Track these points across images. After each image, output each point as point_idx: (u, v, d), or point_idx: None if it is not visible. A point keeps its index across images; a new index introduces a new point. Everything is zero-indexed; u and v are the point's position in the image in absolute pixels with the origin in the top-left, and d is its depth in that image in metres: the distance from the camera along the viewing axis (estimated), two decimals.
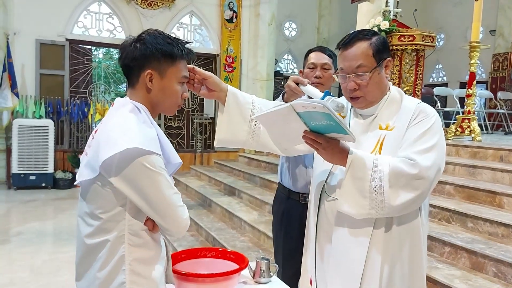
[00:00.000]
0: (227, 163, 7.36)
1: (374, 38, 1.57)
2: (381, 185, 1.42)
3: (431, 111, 1.57)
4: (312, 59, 2.33)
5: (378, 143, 1.56)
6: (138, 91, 1.39)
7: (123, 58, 1.38)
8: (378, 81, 1.56)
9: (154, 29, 1.44)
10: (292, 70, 12.94)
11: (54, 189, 7.34)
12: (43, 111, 7.39)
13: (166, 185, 1.29)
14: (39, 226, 5.34)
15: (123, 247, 1.31)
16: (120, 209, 1.29)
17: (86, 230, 1.35)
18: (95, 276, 1.32)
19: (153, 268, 1.36)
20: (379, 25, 5.07)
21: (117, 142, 1.23)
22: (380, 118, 1.60)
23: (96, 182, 1.29)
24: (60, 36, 7.78)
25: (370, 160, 1.45)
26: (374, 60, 1.54)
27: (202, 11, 8.86)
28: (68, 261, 4.26)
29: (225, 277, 1.77)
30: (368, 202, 1.43)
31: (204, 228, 4.66)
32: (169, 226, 1.33)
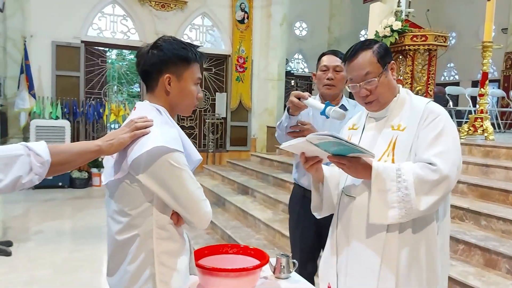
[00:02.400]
0: (240, 162, 7.45)
1: (375, 46, 1.68)
2: (407, 194, 1.49)
3: (440, 110, 1.63)
4: (324, 61, 2.41)
5: (391, 143, 1.64)
6: (157, 94, 1.47)
7: (141, 64, 1.47)
8: (387, 83, 1.67)
9: (168, 36, 1.53)
10: (303, 69, 12.99)
11: (71, 188, 7.49)
12: (60, 111, 7.54)
13: (190, 181, 1.37)
14: (58, 225, 5.47)
15: (151, 241, 1.39)
16: (147, 205, 1.38)
17: (116, 227, 1.43)
18: (126, 269, 1.41)
19: (179, 260, 1.44)
20: (391, 25, 5.11)
21: (144, 142, 1.33)
22: (391, 119, 1.69)
23: (125, 181, 1.38)
24: (75, 38, 7.93)
25: (393, 171, 1.52)
26: (379, 65, 1.65)
27: (214, 12, 8.95)
28: (88, 259, 4.38)
29: (247, 272, 1.84)
30: (397, 212, 1.51)
31: (219, 226, 4.75)
32: (193, 219, 1.41)
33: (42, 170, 1.23)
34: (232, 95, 9.00)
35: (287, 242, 3.89)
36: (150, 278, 1.39)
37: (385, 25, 5.20)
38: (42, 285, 3.64)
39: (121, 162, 1.38)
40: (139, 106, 1.50)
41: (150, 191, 1.36)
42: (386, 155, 1.63)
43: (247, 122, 9.24)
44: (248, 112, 9.22)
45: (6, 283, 3.62)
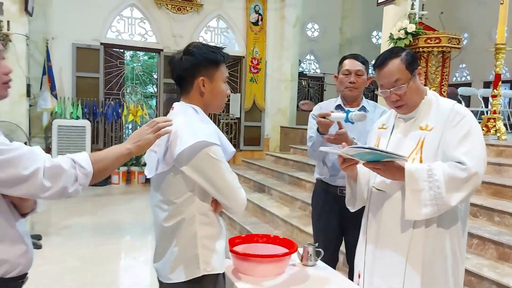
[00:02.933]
0: (255, 161, 7.61)
1: (403, 54, 1.81)
2: (439, 192, 1.63)
3: (466, 111, 1.76)
4: (346, 66, 2.56)
5: (419, 143, 1.77)
6: (192, 96, 1.65)
7: (176, 70, 1.65)
8: (415, 88, 1.81)
9: (196, 42, 1.71)
10: (314, 70, 13.12)
11: (91, 186, 7.62)
12: (80, 112, 7.76)
13: (227, 171, 1.56)
14: (81, 221, 5.69)
15: (194, 226, 1.57)
16: (190, 194, 1.56)
17: (163, 215, 1.61)
18: (172, 251, 1.59)
19: (218, 243, 1.62)
20: (405, 28, 5.24)
21: (186, 138, 1.50)
22: (419, 120, 1.82)
23: (169, 173, 1.56)
24: (95, 40, 8.15)
25: (424, 172, 1.66)
26: (408, 72, 1.79)
27: (229, 14, 9.13)
28: (114, 252, 4.59)
29: (278, 258, 2.02)
30: (430, 209, 1.65)
31: (238, 222, 4.92)
32: (231, 205, 1.59)
33: (86, 181, 1.39)
34: (246, 95, 9.17)
35: (306, 238, 4.05)
36: (194, 259, 1.56)
37: (400, 28, 5.33)
38: (74, 276, 3.85)
39: (166, 156, 1.55)
40: (177, 106, 1.67)
41: (192, 181, 1.53)
42: (414, 153, 1.76)
43: (260, 122, 9.40)
44: (261, 112, 9.38)
45: (39, 274, 3.82)
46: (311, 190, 5.12)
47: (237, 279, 1.94)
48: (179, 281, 1.56)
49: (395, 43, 5.47)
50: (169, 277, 1.59)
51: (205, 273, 1.56)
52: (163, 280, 1.64)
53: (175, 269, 1.57)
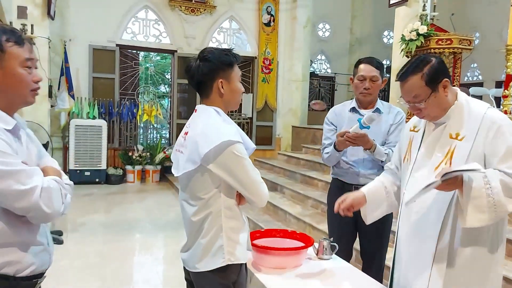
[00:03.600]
0: (267, 160, 7.72)
1: (426, 68, 1.72)
2: (498, 200, 1.61)
3: (500, 118, 1.70)
4: (362, 71, 2.65)
5: (449, 152, 1.74)
6: (213, 98, 1.77)
7: (195, 76, 1.75)
8: (436, 103, 1.74)
9: (209, 47, 1.82)
10: (325, 70, 13.19)
11: (106, 184, 7.90)
12: (96, 111, 7.95)
13: (250, 167, 1.69)
14: (99, 218, 5.86)
15: (220, 219, 1.70)
16: (216, 190, 1.69)
17: (192, 210, 1.74)
18: (199, 242, 1.72)
19: (241, 236, 1.75)
20: (417, 29, 5.30)
21: (212, 138, 1.63)
22: (450, 127, 1.76)
23: (197, 171, 1.68)
24: (110, 42, 8.34)
25: (481, 179, 1.62)
26: (428, 88, 1.71)
27: (241, 15, 9.25)
28: (132, 247, 4.74)
29: (295, 251, 2.14)
30: (487, 216, 1.62)
31: (252, 219, 5.03)
32: (255, 199, 1.72)
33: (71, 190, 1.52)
34: (258, 95, 9.29)
35: (318, 235, 4.16)
36: (219, 249, 1.69)
37: (411, 29, 5.40)
38: (94, 270, 4.00)
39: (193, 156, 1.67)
40: (200, 109, 1.79)
41: (218, 178, 1.66)
42: (444, 163, 1.73)
43: (272, 122, 9.52)
44: (273, 112, 9.49)
45: (61, 269, 3.98)
46: (323, 189, 5.26)
47: (257, 270, 2.06)
48: (205, 270, 1.69)
49: (407, 45, 5.54)
50: (196, 266, 1.71)
51: (229, 262, 1.68)
52: (190, 269, 1.76)
53: (202, 259, 1.70)
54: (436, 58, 1.78)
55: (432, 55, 1.83)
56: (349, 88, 11.59)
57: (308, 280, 2.01)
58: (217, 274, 1.68)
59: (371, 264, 2.78)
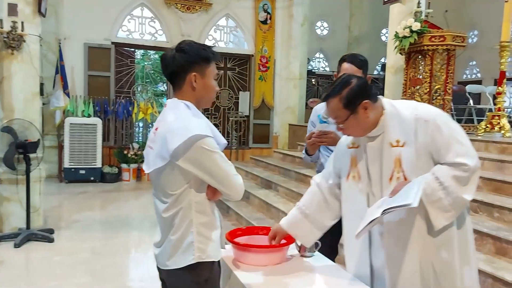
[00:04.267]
0: (262, 158, 7.70)
1: (344, 91, 1.75)
2: (456, 196, 1.67)
3: (429, 113, 1.75)
4: (344, 71, 2.60)
5: (396, 161, 1.76)
6: (185, 91, 1.73)
7: (169, 66, 1.72)
8: (356, 123, 1.78)
9: (188, 40, 1.80)
10: (324, 68, 13.15)
11: (101, 183, 7.88)
12: (92, 110, 7.93)
13: (222, 160, 1.64)
14: (92, 215, 5.86)
15: (191, 213, 1.66)
16: (186, 186, 1.65)
17: (162, 206, 1.70)
18: (170, 239, 1.68)
19: (214, 232, 1.71)
20: (410, 26, 5.28)
21: (180, 133, 1.58)
22: (387, 136, 1.79)
23: (167, 167, 1.64)
24: (106, 40, 8.33)
25: (434, 182, 1.69)
26: (346, 110, 1.76)
27: (238, 13, 9.23)
28: (123, 244, 4.73)
29: (276, 249, 2.11)
30: (453, 212, 1.70)
31: (244, 217, 5.02)
32: (229, 191, 1.68)
33: None
34: (255, 93, 9.27)
35: None
36: (190, 246, 1.65)
37: (405, 26, 5.37)
38: (85, 266, 3.99)
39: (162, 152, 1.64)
40: (169, 103, 1.76)
41: (188, 174, 1.62)
42: (396, 172, 1.76)
43: (269, 120, 9.50)
44: (270, 110, 9.47)
45: (53, 265, 3.98)
46: None
47: (236, 267, 2.04)
48: (175, 268, 1.66)
49: (401, 41, 5.52)
50: (166, 263, 1.69)
51: (200, 260, 1.65)
52: (161, 266, 1.74)
53: (172, 256, 1.67)
54: (358, 79, 1.79)
55: (354, 76, 1.82)
56: None
57: (289, 278, 1.98)
58: (187, 272, 1.65)
59: None
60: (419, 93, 5.48)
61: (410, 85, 5.65)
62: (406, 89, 5.73)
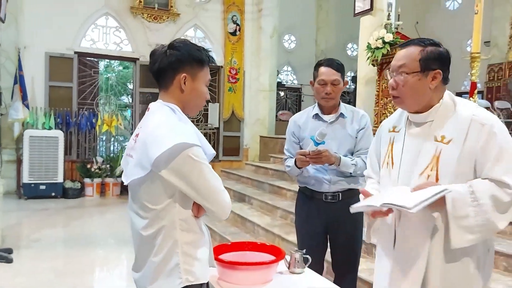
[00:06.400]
0: (234, 171, 7.53)
1: (429, 47, 1.59)
2: (487, 218, 1.46)
3: (489, 120, 1.53)
4: (322, 75, 2.51)
5: (434, 157, 1.56)
6: (171, 92, 1.55)
7: (158, 62, 1.54)
8: (416, 87, 1.57)
9: (183, 38, 1.64)
10: (292, 81, 13.20)
11: (63, 198, 7.45)
12: (53, 122, 7.54)
13: (210, 173, 1.46)
14: (54, 233, 5.49)
15: (175, 232, 1.46)
16: (169, 200, 1.45)
17: (142, 223, 1.50)
18: (152, 261, 1.48)
19: (201, 251, 1.52)
20: (383, 37, 5.30)
21: (164, 140, 1.40)
22: (434, 128, 1.59)
23: (147, 178, 1.45)
24: (68, 49, 7.98)
25: (467, 195, 1.47)
26: (418, 64, 1.57)
27: (206, 24, 9.10)
28: (88, 264, 4.43)
29: (265, 266, 1.95)
30: (478, 235, 1.48)
31: (218, 232, 4.82)
32: (215, 209, 1.49)
33: None
34: (225, 105, 9.11)
35: (287, 246, 3.98)
36: (175, 268, 1.46)
37: (377, 37, 5.40)
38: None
39: (142, 161, 1.44)
40: (153, 106, 1.56)
41: (172, 186, 1.43)
42: (429, 169, 1.57)
43: (239, 132, 9.35)
44: (240, 122, 9.33)
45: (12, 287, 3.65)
46: (291, 199, 5.10)
47: None
48: None
49: (373, 53, 5.54)
50: None
51: (187, 283, 1.46)
52: None
53: (156, 280, 1.47)
54: (447, 51, 1.64)
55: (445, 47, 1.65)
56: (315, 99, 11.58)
57: None
58: None
59: (344, 276, 2.64)
60: (391, 104, 5.49)
61: (383, 96, 5.66)
62: (378, 100, 5.74)
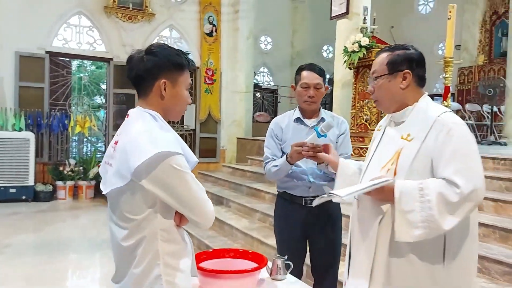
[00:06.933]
0: (211, 173, 7.48)
1: (396, 51, 1.72)
2: (431, 214, 1.49)
3: (453, 121, 1.58)
4: (305, 78, 2.51)
5: (396, 153, 1.65)
6: (151, 99, 1.50)
7: (135, 69, 1.49)
8: (386, 87, 1.71)
9: (160, 42, 1.60)
10: (268, 82, 13.22)
11: (35, 202, 7.23)
12: (23, 123, 7.30)
13: (193, 182, 1.42)
14: (26, 239, 5.31)
15: (157, 243, 1.42)
16: (150, 210, 1.41)
17: (121, 233, 1.45)
18: (132, 273, 1.43)
19: (183, 261, 1.48)
20: (359, 41, 5.36)
21: (145, 149, 1.35)
22: (405, 126, 1.69)
23: (127, 188, 1.40)
24: (39, 49, 7.75)
25: (416, 191, 1.52)
26: (386, 68, 1.70)
27: (182, 24, 9.01)
28: (62, 270, 4.32)
29: (247, 274, 1.92)
30: (422, 231, 1.51)
31: (195, 236, 4.76)
32: (199, 219, 1.46)
33: None
34: (201, 106, 9.04)
35: (266, 250, 3.98)
36: (156, 279, 1.42)
37: (354, 41, 5.45)
38: None
39: (122, 170, 1.40)
40: (132, 113, 1.51)
41: (153, 196, 1.39)
42: (390, 163, 1.66)
43: (216, 133, 9.29)
44: (217, 123, 9.27)
45: None
46: (270, 201, 5.10)
47: None
48: None
49: (350, 56, 5.59)
50: None
51: None
52: None
53: None
54: (419, 54, 1.75)
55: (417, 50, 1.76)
56: (291, 101, 11.66)
57: None
58: None
59: (324, 280, 2.64)
60: (368, 107, 5.56)
61: (359, 99, 5.72)
62: (355, 103, 5.80)
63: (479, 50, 10.42)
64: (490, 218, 3.29)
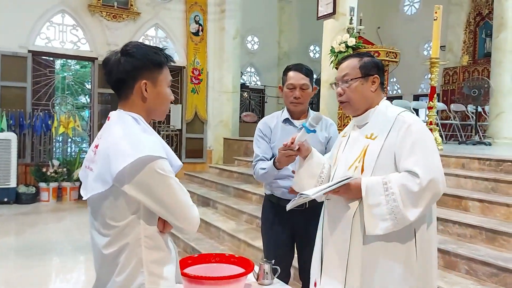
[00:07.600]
0: (198, 174, 7.41)
1: (366, 58, 1.85)
2: (396, 206, 1.60)
3: (412, 119, 1.72)
4: (291, 79, 2.47)
5: (363, 151, 1.76)
6: (132, 101, 1.45)
7: (114, 72, 1.43)
8: (360, 90, 1.81)
9: (135, 41, 1.52)
10: (255, 82, 13.18)
11: (17, 204, 7.07)
12: (5, 124, 7.14)
13: (178, 187, 1.37)
14: (7, 241, 5.19)
15: (140, 250, 1.37)
16: (133, 217, 1.36)
17: (103, 241, 1.40)
18: (114, 281, 1.38)
19: (167, 268, 1.43)
20: (346, 41, 5.35)
21: (127, 153, 1.30)
22: (369, 127, 1.81)
23: (109, 194, 1.35)
24: (21, 48, 7.59)
25: (380, 185, 1.64)
26: (359, 71, 1.81)
27: (168, 23, 8.91)
28: (43, 274, 4.22)
29: (234, 279, 1.88)
30: (389, 223, 1.62)
31: (182, 239, 4.70)
32: (183, 225, 1.41)
33: None
34: (188, 106, 8.96)
35: (253, 252, 3.93)
36: None
37: (340, 41, 5.45)
38: None
39: (103, 175, 1.34)
40: (113, 116, 1.46)
41: (136, 202, 1.34)
42: (357, 161, 1.76)
43: (202, 134, 9.21)
44: (203, 123, 9.20)
45: None
46: (257, 203, 5.06)
47: None
48: None
49: (336, 56, 5.58)
50: None
51: None
52: None
53: None
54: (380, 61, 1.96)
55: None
56: (279, 101, 11.65)
57: None
58: None
59: None
60: None
61: None
62: None
63: (463, 50, 10.53)
64: (476, 219, 3.30)
